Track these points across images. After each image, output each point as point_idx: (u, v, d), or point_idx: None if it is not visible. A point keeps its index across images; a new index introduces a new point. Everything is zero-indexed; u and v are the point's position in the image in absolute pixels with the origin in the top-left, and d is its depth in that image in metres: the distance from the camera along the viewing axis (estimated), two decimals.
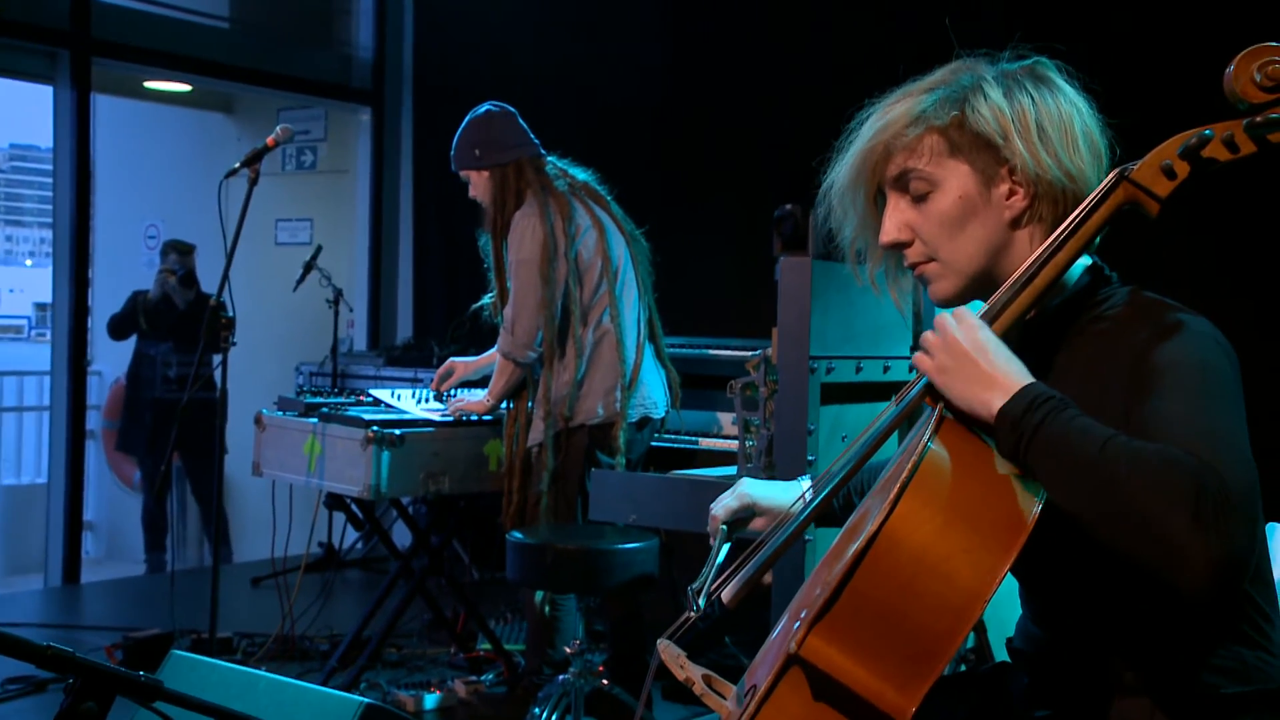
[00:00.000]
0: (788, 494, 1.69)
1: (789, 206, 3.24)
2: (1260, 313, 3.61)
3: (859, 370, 2.70)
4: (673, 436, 3.85)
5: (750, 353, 2.86)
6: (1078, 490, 1.19)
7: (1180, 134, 1.33)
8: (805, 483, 1.72)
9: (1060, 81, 1.44)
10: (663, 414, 3.60)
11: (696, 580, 1.55)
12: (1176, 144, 1.33)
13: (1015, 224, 1.43)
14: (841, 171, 1.50)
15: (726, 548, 1.66)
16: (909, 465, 1.20)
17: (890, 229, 1.47)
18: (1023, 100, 1.41)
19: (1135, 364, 1.29)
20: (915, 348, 2.85)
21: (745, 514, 1.69)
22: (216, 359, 3.54)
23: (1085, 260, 1.44)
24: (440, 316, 5.91)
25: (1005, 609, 1.52)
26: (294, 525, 4.07)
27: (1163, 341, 1.29)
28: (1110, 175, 1.36)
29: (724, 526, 1.68)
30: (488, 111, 3.64)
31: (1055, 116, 1.40)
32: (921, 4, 4.22)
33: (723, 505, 1.70)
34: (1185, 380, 1.25)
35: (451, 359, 3.95)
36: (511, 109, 3.66)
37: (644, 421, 3.55)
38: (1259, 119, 1.29)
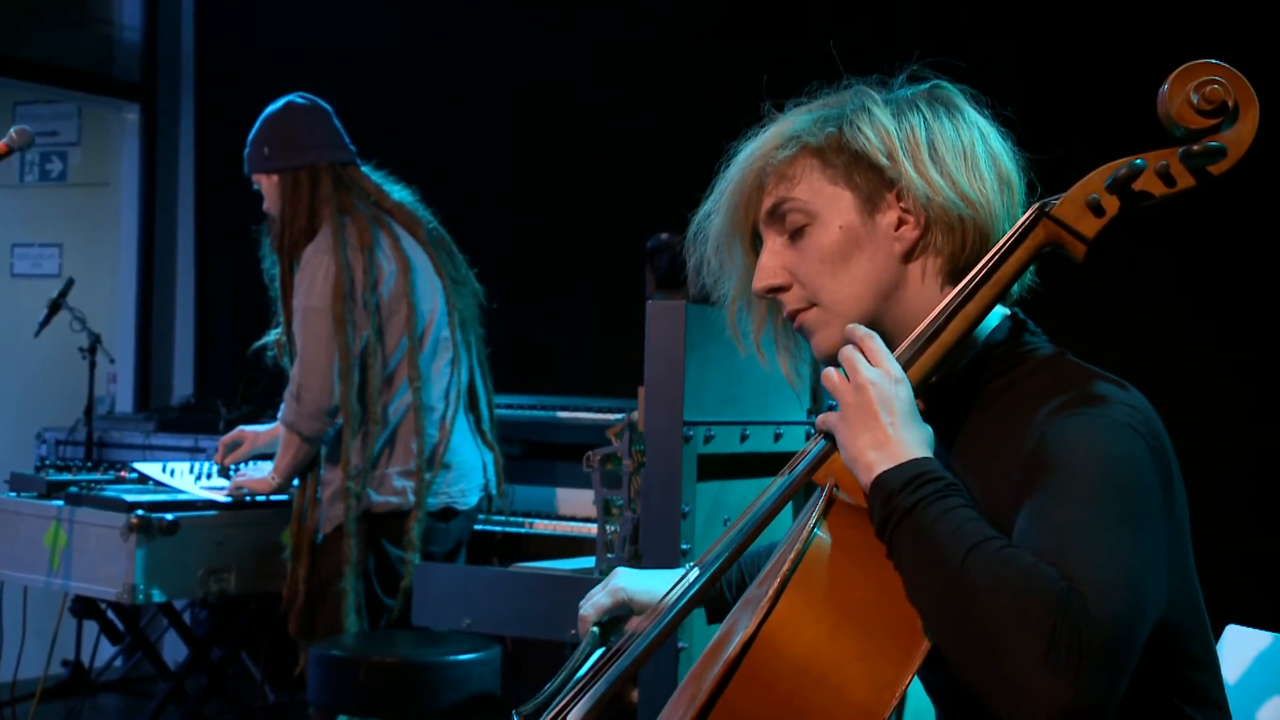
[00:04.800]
0: (670, 585, 1.68)
1: (664, 236, 3.30)
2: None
3: (744, 439, 2.75)
4: (500, 518, 3.85)
5: (613, 416, 2.89)
6: (929, 595, 1.25)
7: (1108, 164, 1.40)
8: (694, 572, 1.71)
9: (962, 103, 1.52)
10: (474, 503, 3.61)
11: (535, 697, 1.55)
12: (1104, 175, 1.40)
13: (907, 258, 1.49)
14: (713, 216, 1.56)
15: (597, 654, 1.64)
16: (791, 556, 1.23)
17: (764, 273, 1.52)
18: (913, 119, 1.48)
19: (1033, 451, 1.34)
20: (814, 410, 2.94)
21: (621, 611, 1.70)
22: None
23: (1003, 310, 1.51)
24: (229, 370, 5.82)
25: None
26: (28, 639, 3.95)
27: (1066, 425, 1.33)
28: (1029, 211, 1.43)
29: (595, 629, 1.67)
30: (288, 104, 3.63)
31: (951, 137, 1.48)
32: (817, 21, 4.37)
33: (593, 603, 1.69)
34: (1078, 479, 1.29)
35: (241, 427, 3.91)
36: (325, 105, 3.66)
37: (448, 512, 3.56)
38: (1196, 148, 1.37)
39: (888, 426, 1.33)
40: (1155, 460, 1.33)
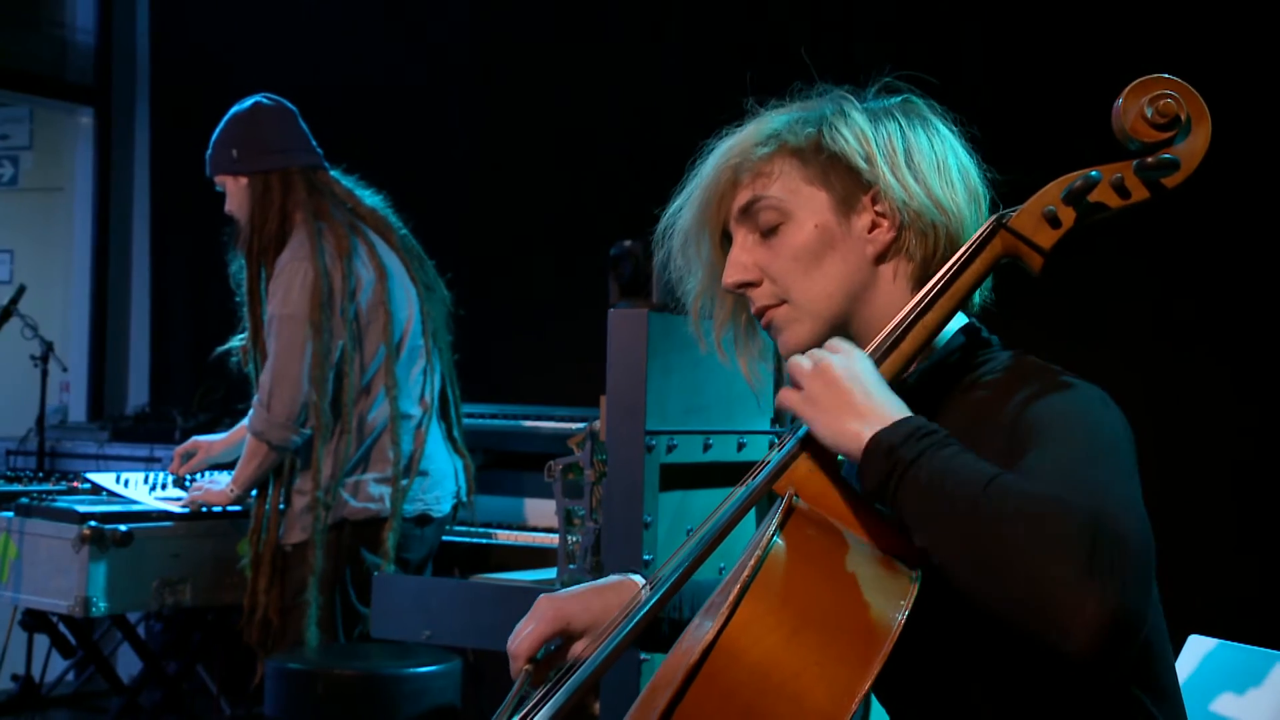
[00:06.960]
0: (609, 600, 1.65)
1: (627, 243, 3.32)
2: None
3: (707, 448, 2.77)
4: (462, 529, 3.86)
5: (575, 425, 2.91)
6: (953, 534, 1.25)
7: (1064, 176, 1.45)
8: (635, 579, 1.69)
9: (932, 118, 1.57)
10: (448, 510, 3.63)
11: None
12: (1060, 187, 1.44)
13: (879, 260, 1.54)
14: (684, 211, 1.60)
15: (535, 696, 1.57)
16: (751, 563, 1.25)
17: (735, 268, 1.55)
18: (889, 127, 1.53)
19: (1013, 425, 1.37)
20: (777, 419, 2.97)
21: (558, 640, 1.63)
22: None
23: (960, 319, 1.54)
24: (185, 379, 5.80)
25: None
26: None
27: (1045, 397, 1.38)
28: (987, 223, 1.47)
29: (528, 666, 1.60)
30: (256, 104, 3.64)
31: (925, 147, 1.53)
32: (786, 30, 4.40)
33: (524, 636, 1.61)
34: (1070, 433, 1.33)
35: (196, 436, 3.90)
36: (290, 106, 3.67)
37: (424, 519, 3.58)
38: (1151, 160, 1.41)
39: (863, 396, 1.35)
40: (1129, 434, 1.38)
